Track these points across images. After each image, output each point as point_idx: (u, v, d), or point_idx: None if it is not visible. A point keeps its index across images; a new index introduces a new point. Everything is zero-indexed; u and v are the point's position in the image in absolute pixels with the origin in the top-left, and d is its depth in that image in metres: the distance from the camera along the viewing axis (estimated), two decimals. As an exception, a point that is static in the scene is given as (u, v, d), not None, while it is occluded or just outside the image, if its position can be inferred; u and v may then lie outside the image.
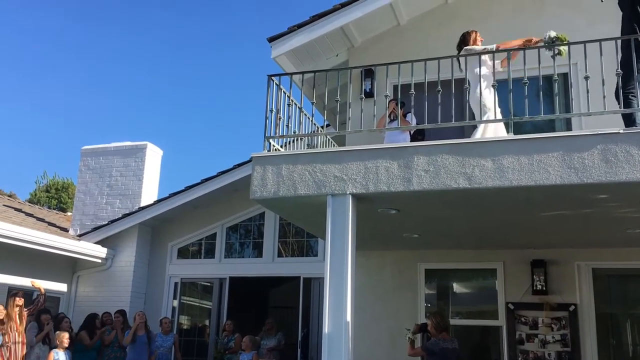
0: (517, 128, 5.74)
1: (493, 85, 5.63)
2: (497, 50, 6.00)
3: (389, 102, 6.58)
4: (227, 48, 56.02)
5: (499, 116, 5.92)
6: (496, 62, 5.97)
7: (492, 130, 5.93)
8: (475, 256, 7.90)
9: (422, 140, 6.97)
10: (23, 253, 10.46)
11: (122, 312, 9.98)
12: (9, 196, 19.68)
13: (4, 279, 10.40)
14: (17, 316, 8.40)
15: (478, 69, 5.82)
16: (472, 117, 6.24)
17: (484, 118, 5.91)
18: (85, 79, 52.49)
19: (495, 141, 5.30)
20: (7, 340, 8.14)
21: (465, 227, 6.74)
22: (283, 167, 5.76)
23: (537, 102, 5.44)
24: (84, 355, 9.19)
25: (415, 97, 5.79)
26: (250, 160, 8.47)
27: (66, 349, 8.50)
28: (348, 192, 5.51)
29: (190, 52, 54.23)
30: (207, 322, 11.69)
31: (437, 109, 5.62)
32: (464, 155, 5.22)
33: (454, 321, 7.76)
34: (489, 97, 5.97)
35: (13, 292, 8.82)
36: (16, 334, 8.34)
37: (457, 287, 8.44)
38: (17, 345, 8.27)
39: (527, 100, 5.36)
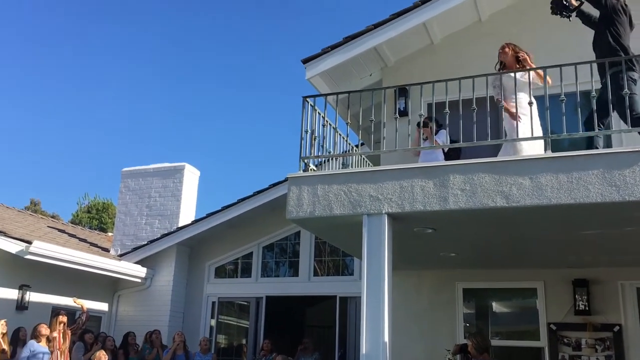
0: (555, 145, 5.66)
1: (529, 103, 5.58)
2: (532, 69, 5.95)
3: (419, 126, 6.59)
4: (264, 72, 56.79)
5: (537, 130, 5.84)
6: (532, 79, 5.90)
7: (528, 143, 5.84)
8: (515, 275, 7.77)
9: (457, 158, 6.92)
10: (66, 273, 10.73)
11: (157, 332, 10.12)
12: (52, 217, 20.23)
13: (48, 299, 10.67)
14: (61, 335, 8.59)
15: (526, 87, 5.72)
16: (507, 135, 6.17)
17: (520, 124, 5.84)
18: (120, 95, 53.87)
19: (532, 159, 5.23)
20: (52, 359, 8.33)
21: (503, 245, 6.65)
22: (318, 187, 5.79)
23: (575, 119, 5.36)
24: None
25: (450, 115, 5.77)
26: (285, 180, 8.56)
27: None
28: (384, 212, 5.51)
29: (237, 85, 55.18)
30: (244, 341, 11.73)
31: (472, 127, 5.60)
32: (501, 174, 5.17)
33: (494, 342, 7.61)
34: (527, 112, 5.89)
35: (57, 311, 9.04)
36: (58, 352, 8.52)
37: (496, 307, 8.30)
38: None
39: (564, 117, 5.29)
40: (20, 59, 49.11)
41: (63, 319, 8.72)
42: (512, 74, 5.99)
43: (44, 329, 8.28)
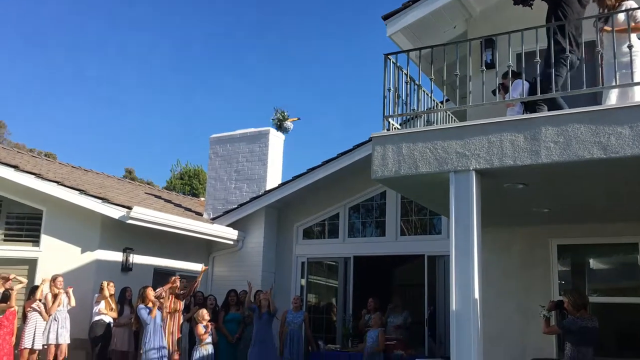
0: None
1: (629, 47, 5.20)
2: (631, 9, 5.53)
3: (504, 77, 6.31)
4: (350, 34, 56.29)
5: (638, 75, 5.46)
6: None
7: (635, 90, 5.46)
8: (613, 230, 7.39)
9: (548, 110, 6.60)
10: (165, 236, 11.32)
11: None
12: (148, 184, 21.30)
13: (150, 261, 11.33)
14: (173, 297, 9.16)
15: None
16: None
17: (624, 79, 5.47)
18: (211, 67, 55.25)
19: (633, 106, 4.91)
20: (163, 318, 8.94)
21: (600, 199, 6.34)
22: (403, 145, 5.73)
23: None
24: (230, 326, 9.90)
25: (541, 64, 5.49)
26: (370, 140, 8.52)
27: (209, 321, 9.15)
28: (471, 168, 5.39)
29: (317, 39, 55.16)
30: (333, 300, 11.99)
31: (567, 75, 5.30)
32: (598, 124, 4.91)
33: (592, 299, 7.36)
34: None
35: (169, 274, 9.76)
36: (168, 314, 9.10)
37: (594, 264, 7.98)
38: (172, 323, 9.06)
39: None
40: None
41: (177, 282, 9.31)
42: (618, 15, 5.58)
43: (151, 293, 8.84)
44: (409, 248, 11.22)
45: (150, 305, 8.78)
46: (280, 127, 12.97)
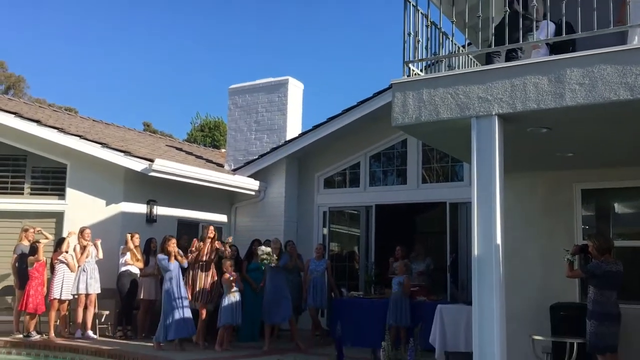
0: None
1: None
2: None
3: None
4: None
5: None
6: None
7: None
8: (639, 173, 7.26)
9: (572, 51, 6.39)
10: (188, 188, 11.46)
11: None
12: (169, 137, 21.42)
13: (173, 212, 11.51)
14: (207, 247, 9.33)
15: None
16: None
17: None
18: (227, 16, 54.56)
19: (662, 45, 4.73)
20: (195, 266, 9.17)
21: (626, 142, 6.20)
22: (424, 91, 5.63)
23: None
24: (254, 275, 10.06)
25: (567, 3, 5.29)
26: (390, 87, 8.39)
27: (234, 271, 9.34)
28: (494, 113, 5.29)
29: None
30: (356, 249, 12.10)
31: (592, 14, 5.11)
32: (625, 64, 4.74)
33: (617, 242, 7.32)
34: None
35: (203, 225, 10.25)
36: (201, 263, 9.30)
37: (618, 208, 7.88)
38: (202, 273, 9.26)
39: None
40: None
41: (212, 233, 9.47)
42: None
43: (172, 245, 8.99)
44: (430, 195, 11.20)
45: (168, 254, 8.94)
46: None
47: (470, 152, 5.44)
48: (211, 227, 9.67)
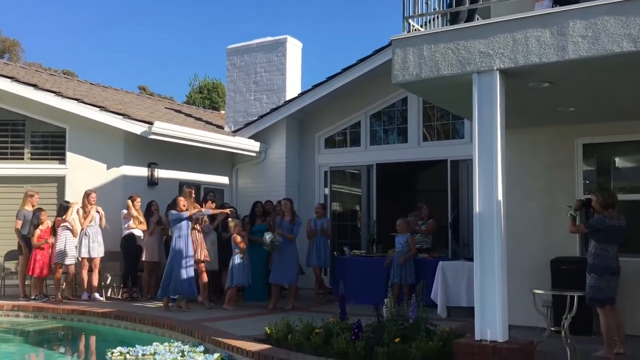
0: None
1: None
2: None
3: None
4: None
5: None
6: None
7: None
8: (641, 127, 7.23)
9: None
10: (188, 150, 11.44)
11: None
12: (168, 100, 21.27)
13: (175, 175, 11.52)
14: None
15: None
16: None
17: None
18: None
19: (667, -6, 4.64)
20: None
21: (629, 95, 6.14)
22: (424, 47, 5.56)
23: None
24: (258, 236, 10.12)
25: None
26: (390, 44, 8.27)
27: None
28: (495, 68, 5.23)
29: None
30: (357, 208, 12.15)
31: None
32: (629, 14, 4.66)
33: (618, 196, 7.35)
34: None
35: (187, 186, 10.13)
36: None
37: (620, 162, 7.86)
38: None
39: None
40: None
41: (228, 211, 9.71)
42: None
43: (182, 203, 9.05)
44: (431, 153, 11.18)
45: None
46: None
47: (471, 109, 5.40)
48: (228, 209, 9.89)
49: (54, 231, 9.92)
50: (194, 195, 9.72)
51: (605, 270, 5.85)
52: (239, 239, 9.16)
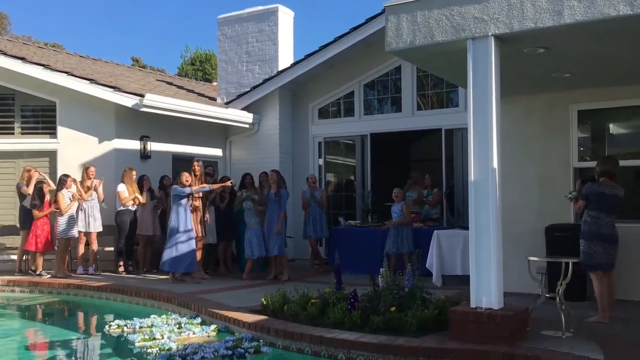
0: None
1: None
2: None
3: None
4: None
5: None
6: None
7: None
8: (637, 92, 7.17)
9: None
10: (181, 123, 11.33)
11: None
12: (160, 72, 21.03)
13: (168, 148, 11.43)
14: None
15: None
16: None
17: None
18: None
19: (665, -45, 4.54)
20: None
21: (624, 59, 6.08)
22: (418, 13, 5.46)
23: None
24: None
25: None
26: (383, 12, 8.14)
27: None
28: (490, 34, 5.15)
29: None
30: (352, 178, 12.12)
31: None
32: (626, -23, 4.57)
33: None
34: None
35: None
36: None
37: (614, 128, 7.84)
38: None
39: None
40: None
41: (229, 183, 9.79)
42: None
43: (185, 178, 8.99)
44: (425, 122, 11.13)
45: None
46: None
47: (466, 77, 5.34)
48: (229, 182, 9.86)
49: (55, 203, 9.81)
50: (202, 171, 9.57)
51: (595, 236, 5.91)
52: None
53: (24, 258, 10.08)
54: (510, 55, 5.56)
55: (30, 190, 9.77)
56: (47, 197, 9.82)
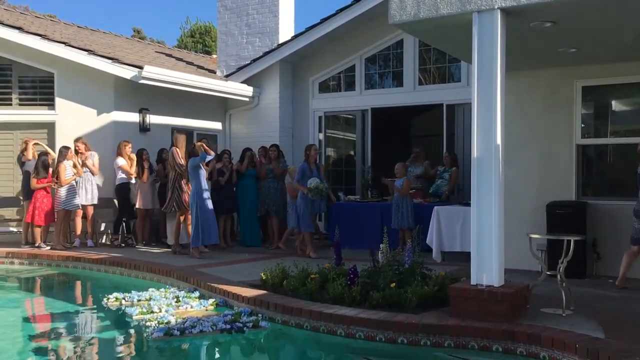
0: None
1: None
2: None
3: None
4: None
5: None
6: None
7: None
8: (641, 69, 7.07)
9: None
10: (180, 95, 11.20)
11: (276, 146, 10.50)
12: (159, 43, 20.77)
13: (167, 120, 11.32)
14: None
15: None
16: None
17: None
18: None
19: None
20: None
21: (631, 35, 5.96)
22: (423, -15, 5.32)
23: None
24: (245, 182, 10.19)
25: None
26: (386, -17, 7.99)
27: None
28: (496, 7, 5.04)
29: None
30: (352, 153, 12.04)
31: None
32: (638, -51, 4.44)
33: (613, 140, 7.38)
34: None
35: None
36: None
37: (617, 105, 7.75)
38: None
39: None
40: None
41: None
42: None
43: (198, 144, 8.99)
44: (427, 97, 11.01)
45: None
46: None
47: (470, 51, 5.24)
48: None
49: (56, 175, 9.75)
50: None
51: None
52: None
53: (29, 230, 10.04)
54: (516, 29, 5.44)
55: (30, 155, 9.72)
56: (50, 170, 9.74)
